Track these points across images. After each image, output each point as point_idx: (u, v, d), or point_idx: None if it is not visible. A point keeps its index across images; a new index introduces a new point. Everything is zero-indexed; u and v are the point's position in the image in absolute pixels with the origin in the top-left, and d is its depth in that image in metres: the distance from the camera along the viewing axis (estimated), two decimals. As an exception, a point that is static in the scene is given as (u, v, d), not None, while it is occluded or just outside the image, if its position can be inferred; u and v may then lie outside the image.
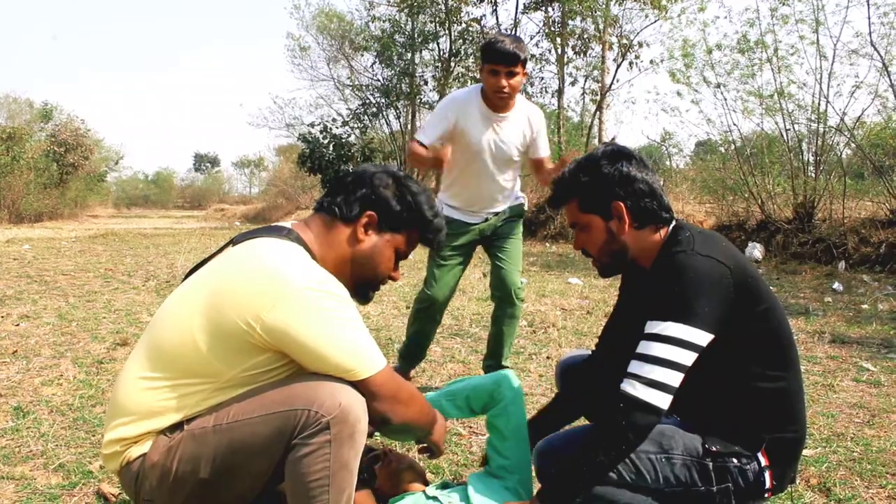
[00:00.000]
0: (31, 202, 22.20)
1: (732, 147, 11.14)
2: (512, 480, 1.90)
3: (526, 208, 3.52)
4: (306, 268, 1.50)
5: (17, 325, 4.96)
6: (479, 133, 3.18)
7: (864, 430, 2.89)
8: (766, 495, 1.68)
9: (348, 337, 1.48)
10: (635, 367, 1.58)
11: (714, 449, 1.65)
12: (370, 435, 2.12)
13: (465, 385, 2.05)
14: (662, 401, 1.54)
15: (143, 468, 1.50)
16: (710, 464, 1.65)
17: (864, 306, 5.95)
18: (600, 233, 1.76)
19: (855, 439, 2.78)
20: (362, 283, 1.71)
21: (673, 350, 1.54)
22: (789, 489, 2.20)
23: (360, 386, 1.50)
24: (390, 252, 1.70)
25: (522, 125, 3.26)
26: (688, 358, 1.55)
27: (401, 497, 1.90)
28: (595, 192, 1.73)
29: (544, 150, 3.36)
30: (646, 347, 1.58)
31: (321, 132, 19.63)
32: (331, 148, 19.31)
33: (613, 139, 1.70)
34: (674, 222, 1.77)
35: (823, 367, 3.96)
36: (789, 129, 10.18)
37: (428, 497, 1.84)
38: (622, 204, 1.71)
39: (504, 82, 3.04)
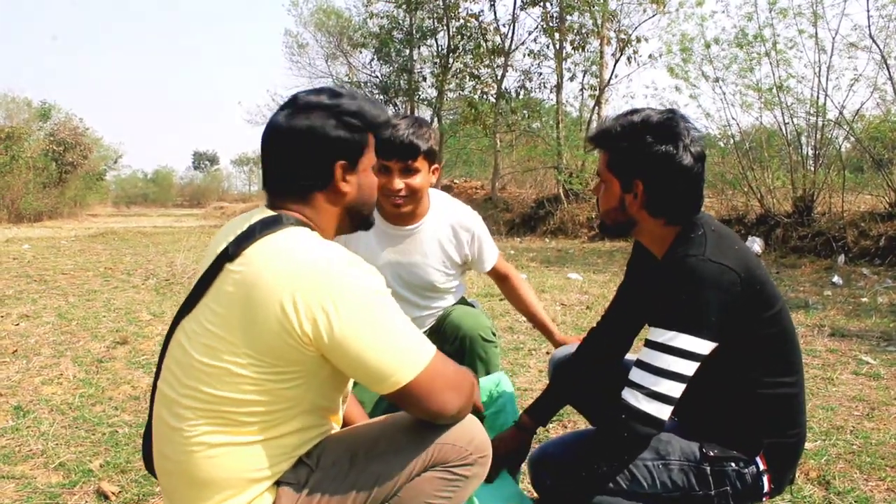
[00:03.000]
0: (30, 201, 22.20)
1: (731, 141, 11.14)
2: (508, 481, 1.92)
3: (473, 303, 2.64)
4: (332, 255, 1.30)
5: (17, 324, 4.97)
6: (373, 257, 2.31)
7: (864, 423, 2.89)
8: (764, 499, 1.68)
9: (395, 335, 1.29)
10: (638, 376, 1.54)
11: (711, 454, 1.64)
12: None
13: None
14: (664, 412, 1.52)
15: None
16: (708, 468, 1.63)
17: (864, 299, 5.95)
18: (613, 198, 1.68)
19: (854, 432, 2.78)
20: (363, 218, 1.55)
21: (677, 361, 1.51)
22: (788, 486, 2.21)
23: (406, 390, 1.30)
24: (373, 176, 1.51)
25: (441, 239, 2.38)
26: (691, 368, 1.52)
27: None
28: (626, 158, 1.63)
29: (490, 261, 2.50)
30: (650, 357, 1.54)
31: (320, 129, 19.58)
32: (329, 145, 19.26)
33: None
34: None
35: (823, 360, 3.96)
36: (788, 123, 10.18)
37: None
38: (642, 185, 1.63)
39: (399, 183, 2.20)
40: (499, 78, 16.87)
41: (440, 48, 18.76)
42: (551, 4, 15.40)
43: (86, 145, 26.29)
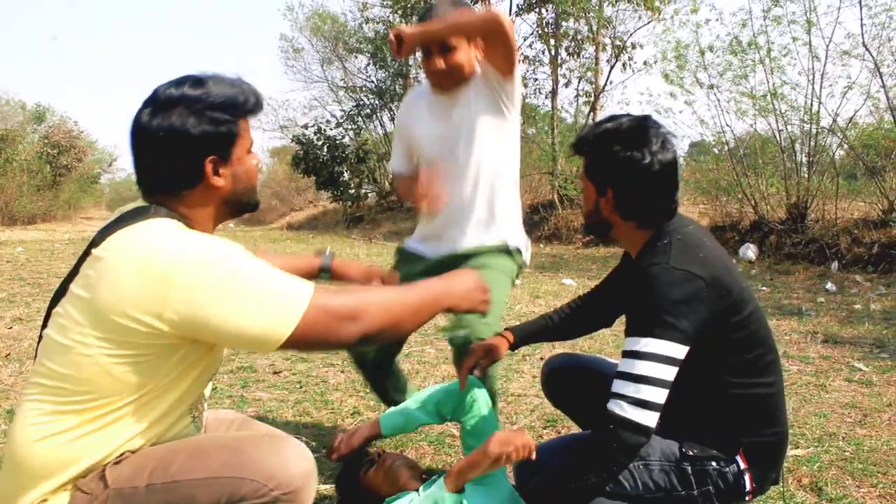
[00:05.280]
0: (24, 204, 22.11)
1: (726, 148, 11.16)
2: (500, 488, 1.92)
3: (524, 256, 2.57)
4: (185, 238, 1.30)
5: (11, 327, 4.95)
6: (427, 132, 2.40)
7: (856, 430, 2.91)
8: (747, 497, 1.69)
9: (260, 295, 1.27)
10: (620, 386, 1.56)
11: (691, 453, 1.65)
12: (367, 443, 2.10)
13: (432, 390, 2.08)
14: (651, 419, 1.54)
15: None
16: (689, 468, 1.65)
17: (857, 306, 5.98)
18: (590, 201, 1.78)
19: (847, 439, 2.79)
20: (244, 206, 1.51)
21: (655, 367, 1.53)
22: (781, 489, 2.22)
23: (293, 341, 1.29)
24: (248, 161, 1.48)
25: (477, 89, 2.34)
26: (671, 373, 1.55)
27: (396, 497, 1.90)
28: (596, 164, 1.74)
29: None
30: (628, 366, 1.56)
31: (315, 134, 19.60)
32: (325, 149, 19.28)
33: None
34: None
35: (816, 367, 3.98)
36: (782, 130, 10.22)
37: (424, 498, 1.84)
38: (611, 191, 1.71)
39: (440, 63, 2.28)
40: (494, 83, 16.87)
41: (436, 53, 18.76)
42: (546, 11, 15.44)
43: (80, 148, 26.23)
